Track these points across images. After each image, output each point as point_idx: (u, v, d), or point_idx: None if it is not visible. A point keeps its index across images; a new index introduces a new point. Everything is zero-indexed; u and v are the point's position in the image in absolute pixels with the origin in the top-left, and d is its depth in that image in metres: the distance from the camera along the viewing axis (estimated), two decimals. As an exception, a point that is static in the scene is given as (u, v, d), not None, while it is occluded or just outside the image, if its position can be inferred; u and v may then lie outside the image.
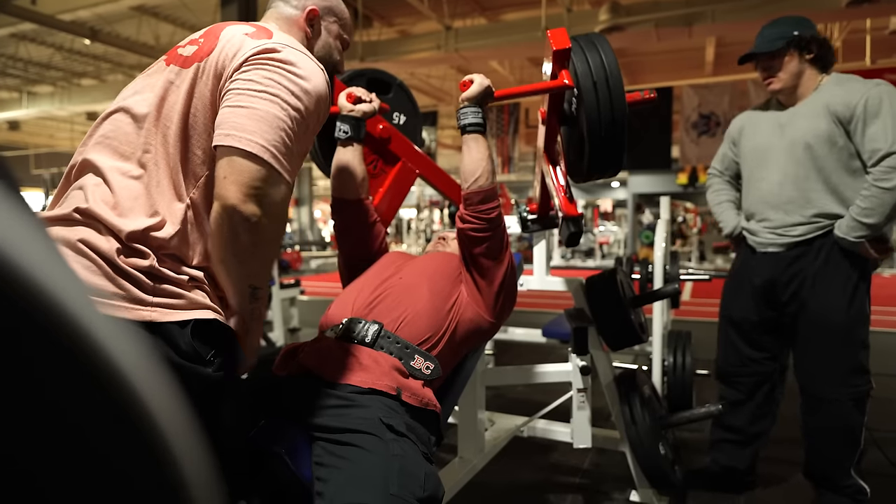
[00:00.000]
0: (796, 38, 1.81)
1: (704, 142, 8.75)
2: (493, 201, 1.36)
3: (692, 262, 12.94)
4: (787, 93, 1.87)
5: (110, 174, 0.92)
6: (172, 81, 0.97)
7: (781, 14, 2.01)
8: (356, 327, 1.25)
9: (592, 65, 1.32)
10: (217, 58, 0.95)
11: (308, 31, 1.13)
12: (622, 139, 1.33)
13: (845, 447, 1.84)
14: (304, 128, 0.95)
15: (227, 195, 0.88)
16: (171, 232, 0.91)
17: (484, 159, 1.36)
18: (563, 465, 2.37)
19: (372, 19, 7.75)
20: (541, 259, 2.23)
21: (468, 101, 1.40)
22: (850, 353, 1.81)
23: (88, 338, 0.20)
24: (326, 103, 1.00)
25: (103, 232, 0.89)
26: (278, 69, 0.93)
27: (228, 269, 0.93)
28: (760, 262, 1.93)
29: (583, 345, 1.78)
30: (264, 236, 0.91)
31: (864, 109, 1.69)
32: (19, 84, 10.57)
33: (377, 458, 0.98)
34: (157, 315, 0.88)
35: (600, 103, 1.30)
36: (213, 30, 1.03)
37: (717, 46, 8.23)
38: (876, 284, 1.92)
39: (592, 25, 6.44)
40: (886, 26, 6.82)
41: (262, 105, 0.90)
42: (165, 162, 0.94)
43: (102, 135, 0.96)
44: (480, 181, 1.35)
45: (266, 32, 1.00)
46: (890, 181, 1.65)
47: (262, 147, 0.88)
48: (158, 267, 0.90)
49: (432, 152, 10.83)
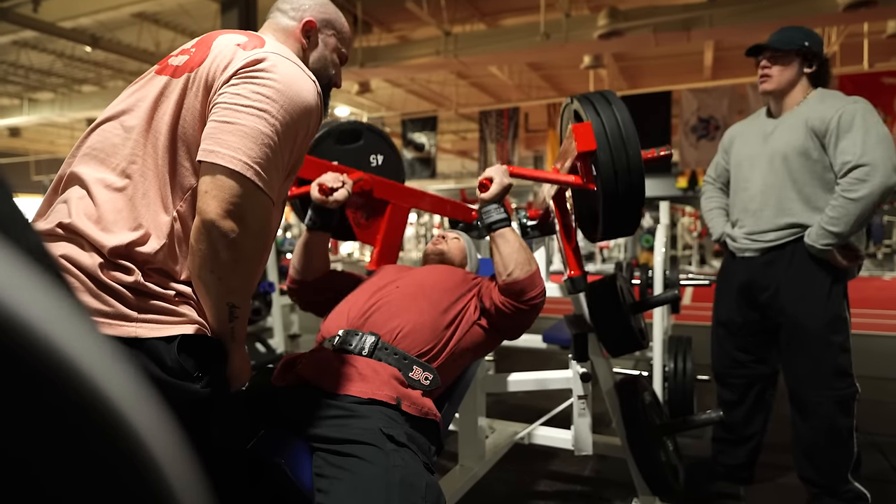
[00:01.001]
0: (805, 48, 1.88)
1: (704, 145, 8.76)
2: (532, 290, 1.33)
3: (692, 266, 12.93)
4: (776, 96, 1.94)
5: (94, 187, 0.91)
6: (163, 92, 0.96)
7: (780, 18, 2.05)
8: (352, 340, 1.24)
9: (611, 139, 1.30)
10: (208, 69, 0.94)
11: (304, 43, 1.12)
12: (639, 206, 1.33)
13: (835, 450, 1.86)
14: (291, 142, 0.94)
15: (207, 210, 0.87)
16: (157, 246, 0.90)
17: (514, 252, 1.34)
18: (564, 473, 2.37)
19: (371, 25, 7.76)
20: (541, 265, 2.23)
21: (490, 201, 1.40)
22: (829, 356, 1.85)
23: (67, 361, 0.20)
24: (317, 116, 0.99)
25: (86, 247, 0.88)
26: (267, 83, 0.92)
27: (207, 285, 0.91)
28: (739, 266, 2.01)
29: (583, 351, 1.78)
30: (243, 253, 0.89)
31: (838, 124, 1.76)
32: (20, 91, 10.60)
33: (378, 468, 0.98)
34: (143, 331, 0.87)
35: (618, 175, 1.29)
36: (205, 39, 1.02)
37: (716, 51, 8.25)
38: (875, 287, 1.93)
39: (591, 30, 6.46)
40: (884, 30, 6.83)
41: (248, 121, 0.89)
42: (154, 173, 0.93)
43: (90, 146, 0.96)
44: (515, 274, 1.32)
45: (258, 41, 0.99)
46: (856, 192, 1.71)
47: (244, 164, 0.87)
48: (143, 282, 0.89)
49: (432, 157, 10.84)
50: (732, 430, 2.10)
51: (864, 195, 1.70)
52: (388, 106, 11.59)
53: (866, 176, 1.70)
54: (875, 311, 6.25)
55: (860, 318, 3.69)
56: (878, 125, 1.75)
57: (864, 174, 1.71)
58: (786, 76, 1.89)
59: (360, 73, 7.81)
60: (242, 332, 0.99)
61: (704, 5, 6.26)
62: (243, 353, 1.03)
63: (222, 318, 0.94)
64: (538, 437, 2.11)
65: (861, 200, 1.71)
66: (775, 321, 1.94)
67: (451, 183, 18.13)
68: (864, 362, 1.93)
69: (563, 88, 10.78)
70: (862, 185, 1.70)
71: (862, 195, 1.70)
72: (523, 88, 10.42)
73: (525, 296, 1.32)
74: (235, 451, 1.01)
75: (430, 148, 10.80)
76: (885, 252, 12.79)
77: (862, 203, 1.71)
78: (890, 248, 12.79)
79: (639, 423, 1.85)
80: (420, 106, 11.48)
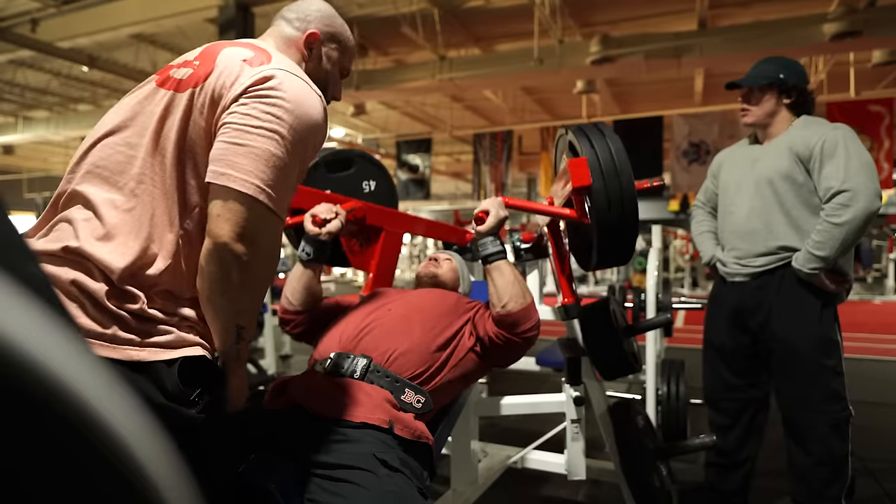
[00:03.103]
0: (780, 80, 1.92)
1: (695, 169, 8.87)
2: (525, 322, 1.34)
3: (685, 288, 12.98)
4: (759, 128, 1.99)
5: (103, 208, 0.90)
6: (168, 108, 0.94)
7: (768, 48, 2.10)
8: (344, 362, 1.24)
9: (606, 173, 1.32)
10: (214, 85, 0.92)
11: (305, 54, 1.10)
12: (632, 233, 1.35)
13: (829, 474, 1.86)
14: (300, 160, 0.94)
15: (219, 233, 0.86)
16: (163, 267, 0.90)
17: (509, 285, 1.35)
18: (557, 498, 2.34)
19: (367, 48, 7.86)
20: (534, 288, 2.24)
21: (486, 234, 1.42)
22: (822, 380, 1.85)
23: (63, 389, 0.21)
24: (323, 132, 0.99)
25: (94, 273, 0.87)
26: (277, 102, 0.90)
27: (216, 307, 0.91)
28: (730, 291, 2.02)
29: (576, 375, 1.77)
30: (255, 275, 0.89)
31: (822, 150, 1.80)
32: (15, 109, 10.61)
33: (372, 494, 0.97)
34: (146, 354, 0.87)
35: (611, 207, 1.32)
36: (208, 51, 0.99)
37: (706, 77, 8.40)
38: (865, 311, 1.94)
39: (584, 57, 6.57)
40: (869, 59, 6.99)
41: (259, 143, 0.88)
42: (161, 192, 0.91)
43: (93, 163, 0.93)
44: (510, 306, 1.33)
45: (265, 56, 0.97)
46: (840, 216, 1.74)
47: (257, 188, 0.87)
48: (147, 309, 0.88)
49: (426, 179, 10.90)
50: (726, 454, 2.09)
51: (847, 219, 1.73)
52: (383, 128, 11.68)
53: (849, 201, 1.73)
54: (866, 335, 6.27)
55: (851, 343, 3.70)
56: (860, 151, 1.79)
57: (847, 199, 1.74)
58: (764, 109, 1.94)
59: (355, 96, 7.88)
60: (246, 352, 0.99)
61: (695, 34, 6.40)
62: (243, 373, 1.03)
63: (230, 339, 0.93)
64: (531, 462, 2.09)
65: (845, 225, 1.74)
66: (767, 345, 1.95)
67: (444, 204, 18.20)
68: (855, 386, 1.94)
69: (557, 112, 10.92)
70: (845, 210, 1.74)
71: (846, 220, 1.73)
72: (517, 112, 10.55)
73: (518, 328, 1.33)
74: (227, 476, 0.99)
75: (424, 169, 10.87)
76: (874, 276, 12.90)
77: (846, 227, 1.74)
78: (879, 272, 12.90)
79: (632, 448, 1.84)
80: (414, 128, 11.58)
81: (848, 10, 5.64)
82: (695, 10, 6.32)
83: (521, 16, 6.60)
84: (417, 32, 6.69)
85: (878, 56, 6.72)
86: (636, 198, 1.33)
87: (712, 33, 6.39)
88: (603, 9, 6.74)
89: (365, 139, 11.98)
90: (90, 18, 6.55)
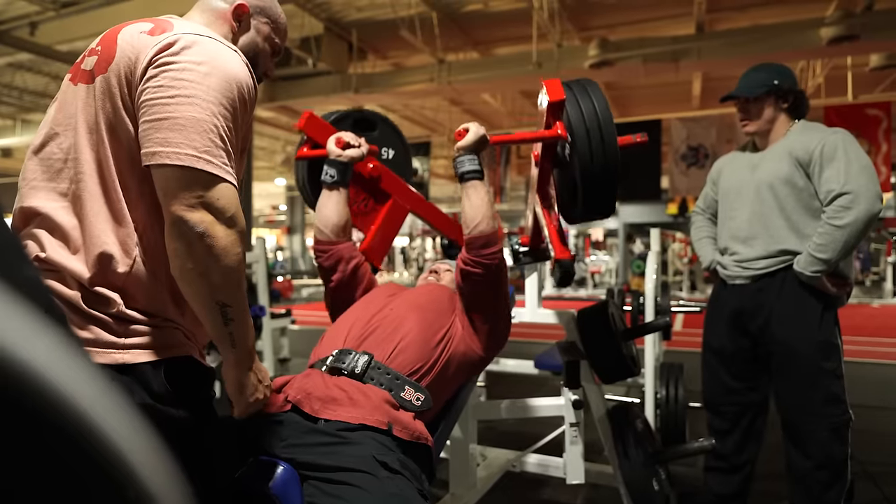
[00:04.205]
0: (776, 87, 1.93)
1: (693, 173, 8.90)
2: (494, 245, 1.37)
3: (683, 291, 12.99)
4: (760, 135, 2.00)
5: (56, 215, 0.89)
6: (84, 100, 0.92)
7: (765, 52, 2.11)
8: (346, 359, 1.24)
9: (585, 112, 1.36)
10: (119, 65, 0.89)
11: (234, 26, 1.06)
12: (614, 183, 1.36)
13: (829, 478, 1.85)
14: (231, 118, 0.90)
15: (171, 211, 0.84)
16: (124, 262, 0.88)
17: (483, 205, 1.38)
18: (556, 502, 2.33)
19: (366, 52, 7.89)
20: (532, 291, 2.24)
21: (464, 149, 1.42)
22: (822, 383, 1.85)
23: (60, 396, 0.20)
24: (250, 85, 0.94)
25: (67, 280, 0.87)
26: (186, 66, 0.86)
27: (190, 284, 0.87)
28: (730, 294, 2.02)
29: (575, 378, 1.77)
30: (219, 242, 0.85)
31: (821, 154, 1.81)
32: (14, 112, 10.61)
33: (373, 497, 0.97)
34: (130, 357, 0.86)
35: (593, 149, 1.34)
36: (109, 35, 0.95)
37: (704, 81, 8.43)
38: (864, 315, 1.95)
39: (582, 61, 6.59)
40: (867, 63, 7.03)
41: (181, 111, 0.84)
42: (100, 188, 0.90)
43: (34, 177, 0.93)
44: (481, 226, 1.37)
45: (165, 24, 0.93)
46: (841, 219, 1.75)
47: (193, 157, 0.84)
48: (125, 310, 0.88)
49: (425, 182, 10.91)
50: (725, 458, 2.08)
51: (849, 222, 1.74)
52: (382, 131, 11.68)
53: (850, 203, 1.74)
54: (865, 339, 6.27)
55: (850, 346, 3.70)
56: (859, 154, 1.80)
57: (848, 202, 1.74)
58: (764, 118, 1.95)
59: (354, 99, 7.90)
60: (244, 339, 0.94)
61: (692, 38, 6.42)
62: (250, 366, 0.98)
63: (216, 320, 0.89)
64: (530, 465, 2.09)
65: (847, 227, 1.74)
66: (767, 348, 1.95)
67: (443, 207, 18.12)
68: (854, 390, 1.94)
69: (555, 116, 10.93)
70: (847, 213, 1.74)
71: (847, 222, 1.74)
72: (515, 115, 10.58)
73: (487, 250, 1.36)
74: (224, 479, 0.99)
75: (423, 173, 10.88)
76: (872, 279, 12.92)
77: (848, 230, 1.74)
78: (878, 275, 12.93)
79: (631, 452, 1.83)
80: (413, 131, 11.60)
81: (845, 14, 5.67)
82: (692, 14, 6.34)
83: (520, 20, 6.63)
84: (416, 36, 6.70)
85: (876, 60, 6.75)
86: (618, 149, 1.35)
87: (710, 37, 6.42)
88: (601, 13, 6.76)
89: (364, 142, 11.97)
90: (89, 22, 6.56)
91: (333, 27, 7.16)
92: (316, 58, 7.03)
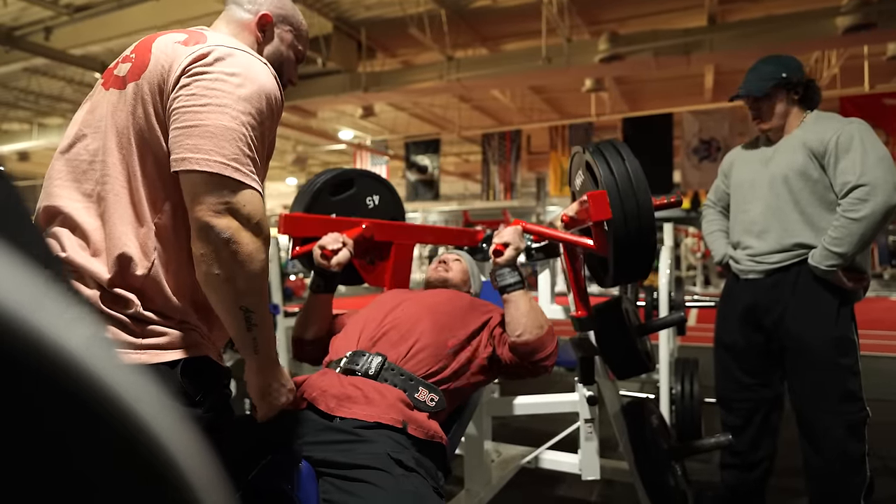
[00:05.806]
0: (785, 80, 1.90)
1: (706, 167, 8.81)
2: (541, 352, 1.37)
3: (697, 286, 12.88)
4: (775, 130, 1.96)
5: (79, 219, 0.91)
6: (115, 105, 0.94)
7: (779, 42, 2.08)
8: (359, 360, 1.25)
9: (623, 195, 1.33)
10: (153, 73, 0.92)
11: (259, 37, 1.09)
12: (649, 258, 1.38)
13: (847, 476, 1.82)
14: (258, 128, 0.92)
15: (198, 216, 0.86)
16: (143, 265, 0.90)
17: (524, 315, 1.38)
18: (571, 498, 2.33)
19: (375, 50, 7.89)
20: (545, 287, 2.23)
21: (504, 264, 1.43)
22: (838, 380, 1.81)
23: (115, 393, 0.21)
24: (278, 96, 0.97)
25: (86, 280, 0.88)
26: (218, 76, 0.89)
27: (216, 291, 0.89)
28: (743, 289, 1.99)
29: (589, 374, 1.76)
30: (245, 248, 0.87)
31: (836, 145, 1.77)
32: (30, 116, 10.77)
33: (389, 494, 0.97)
34: (147, 357, 0.88)
35: (629, 230, 1.33)
36: (144, 43, 0.98)
37: (716, 74, 8.33)
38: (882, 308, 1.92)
39: (592, 55, 6.54)
40: (884, 52, 6.90)
41: (212, 119, 0.87)
42: (126, 190, 0.91)
43: (60, 177, 0.95)
44: (525, 336, 1.36)
45: (199, 36, 0.96)
46: (858, 212, 1.71)
47: (221, 164, 0.86)
48: (143, 311, 0.89)
49: (435, 179, 10.91)
50: (740, 455, 2.05)
51: (866, 214, 1.70)
52: (392, 129, 11.71)
53: (867, 195, 1.70)
54: (883, 333, 6.19)
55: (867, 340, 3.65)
56: (876, 145, 1.75)
57: (864, 194, 1.70)
58: (777, 112, 1.92)
59: (363, 97, 7.91)
60: (266, 344, 0.96)
61: (704, 30, 6.34)
62: (273, 371, 1.00)
63: (239, 325, 0.91)
64: (545, 462, 2.08)
65: (863, 220, 1.70)
66: (781, 344, 1.92)
67: (454, 204, 18.20)
68: (872, 384, 1.91)
69: (565, 111, 10.88)
70: (864, 205, 1.70)
71: (864, 214, 1.70)
72: (525, 111, 10.53)
73: (534, 357, 1.36)
74: (241, 476, 1.00)
75: (433, 170, 10.89)
76: (891, 273, 12.73)
77: (864, 222, 1.70)
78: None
79: (647, 448, 1.82)
80: (423, 129, 11.60)
81: (861, 2, 5.56)
82: (704, 5, 6.27)
83: (529, 15, 6.59)
84: (425, 33, 6.70)
85: (894, 49, 6.63)
86: (654, 222, 1.34)
87: (722, 29, 6.34)
88: (611, 6, 6.70)
89: (373, 141, 12.01)
90: (102, 26, 6.63)
91: (342, 26, 7.17)
92: (325, 57, 7.05)
